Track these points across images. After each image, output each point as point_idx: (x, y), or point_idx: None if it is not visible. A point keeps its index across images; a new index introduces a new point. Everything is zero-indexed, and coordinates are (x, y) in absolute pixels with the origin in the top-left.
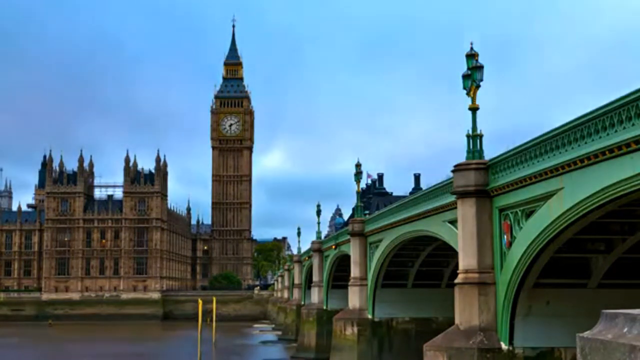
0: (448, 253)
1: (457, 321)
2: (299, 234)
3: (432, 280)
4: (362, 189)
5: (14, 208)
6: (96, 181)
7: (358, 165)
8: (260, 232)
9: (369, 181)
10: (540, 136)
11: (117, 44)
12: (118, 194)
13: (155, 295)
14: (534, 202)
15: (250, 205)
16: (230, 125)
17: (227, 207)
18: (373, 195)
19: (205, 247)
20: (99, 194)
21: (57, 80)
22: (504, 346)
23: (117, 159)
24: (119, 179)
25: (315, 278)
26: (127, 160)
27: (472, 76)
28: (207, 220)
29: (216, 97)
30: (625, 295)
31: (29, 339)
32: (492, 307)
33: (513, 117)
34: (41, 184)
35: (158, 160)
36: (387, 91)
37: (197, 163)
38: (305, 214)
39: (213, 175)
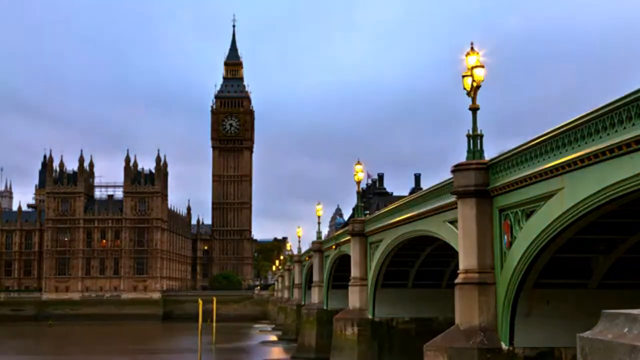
0: (448, 253)
1: (457, 321)
2: (298, 234)
3: (433, 280)
4: (362, 189)
5: (14, 208)
6: (96, 181)
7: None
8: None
9: (369, 181)
10: (541, 136)
11: (117, 44)
12: (118, 194)
13: (156, 296)
14: (534, 202)
15: (251, 205)
16: (230, 125)
17: (228, 207)
18: (373, 195)
19: (206, 247)
20: (99, 194)
21: (58, 79)
22: (504, 346)
23: (117, 159)
24: (119, 179)
25: (315, 278)
26: (127, 160)
27: (473, 76)
28: (208, 220)
29: (216, 97)
30: (625, 295)
31: (28, 343)
32: (493, 307)
33: None
34: (41, 184)
35: (158, 160)
36: (388, 89)
37: (197, 163)
38: (304, 212)
39: (213, 175)
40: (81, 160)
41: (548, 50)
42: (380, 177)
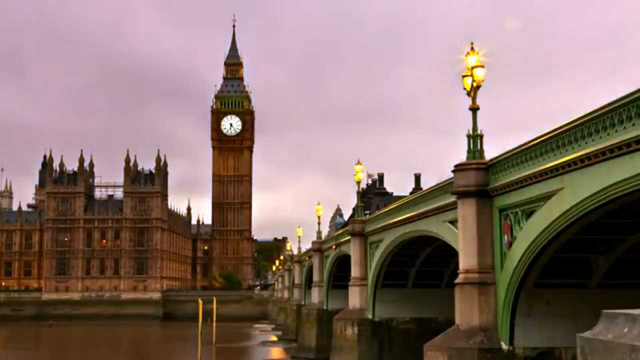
0: (448, 253)
1: (457, 321)
2: (299, 234)
3: (433, 280)
4: (362, 189)
5: (14, 208)
6: (96, 181)
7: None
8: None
9: (369, 181)
10: (541, 136)
11: (118, 44)
12: (118, 194)
13: (156, 296)
14: (534, 202)
15: (251, 205)
16: (230, 125)
17: (228, 207)
18: (373, 195)
19: (206, 247)
20: (99, 194)
21: (59, 80)
22: (504, 346)
23: (117, 159)
24: (119, 179)
25: (315, 278)
26: (127, 160)
27: (473, 76)
28: (208, 220)
29: (216, 97)
30: (625, 295)
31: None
32: (493, 307)
33: None
34: (41, 184)
35: (158, 160)
36: (391, 89)
37: (198, 163)
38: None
39: (213, 175)
40: (81, 160)
41: None
42: (380, 177)
